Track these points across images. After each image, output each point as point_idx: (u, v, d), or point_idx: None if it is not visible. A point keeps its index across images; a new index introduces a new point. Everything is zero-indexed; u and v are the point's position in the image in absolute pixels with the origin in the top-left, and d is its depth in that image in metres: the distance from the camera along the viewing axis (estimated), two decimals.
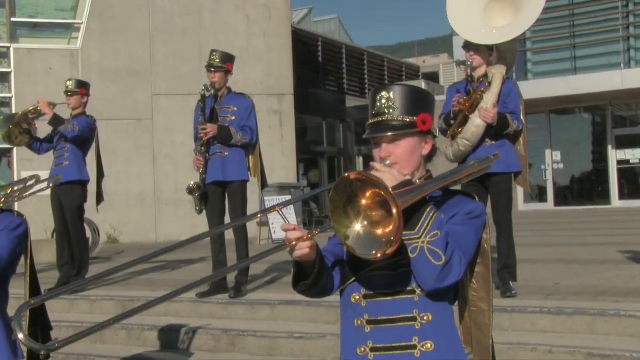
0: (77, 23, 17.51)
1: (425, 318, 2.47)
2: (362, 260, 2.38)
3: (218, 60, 7.52)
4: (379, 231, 2.24)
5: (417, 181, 2.56)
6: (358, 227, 2.27)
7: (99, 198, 8.57)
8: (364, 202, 2.27)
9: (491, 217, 6.41)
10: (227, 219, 7.63)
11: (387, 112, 2.58)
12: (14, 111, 14.25)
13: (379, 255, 2.23)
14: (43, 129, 8.72)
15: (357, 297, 2.55)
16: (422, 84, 22.98)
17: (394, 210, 2.16)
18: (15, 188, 5.56)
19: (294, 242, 2.34)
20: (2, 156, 4.84)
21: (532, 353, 5.12)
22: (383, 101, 2.59)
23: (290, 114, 18.58)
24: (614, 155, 21.02)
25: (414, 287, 2.48)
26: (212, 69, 7.49)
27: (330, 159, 25.03)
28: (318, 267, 2.43)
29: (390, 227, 2.19)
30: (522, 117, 6.51)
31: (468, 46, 6.60)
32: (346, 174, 2.25)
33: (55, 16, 17.73)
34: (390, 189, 2.18)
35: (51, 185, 8.21)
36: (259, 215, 2.53)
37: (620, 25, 21.18)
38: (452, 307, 2.56)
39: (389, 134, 2.56)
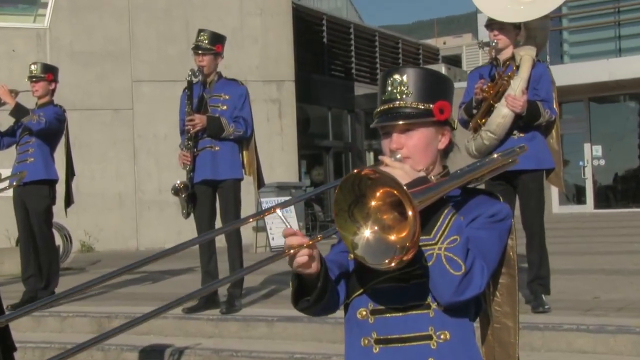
0: None
1: (442, 337, 2.47)
2: (369, 270, 2.38)
3: (207, 42, 7.53)
4: (392, 237, 2.24)
5: (433, 178, 2.55)
6: (367, 232, 2.27)
7: (68, 200, 8.56)
8: (373, 203, 2.26)
9: (520, 221, 6.41)
10: (219, 224, 7.64)
11: (399, 97, 2.58)
12: None
13: (392, 265, 2.22)
14: (4, 120, 8.73)
15: (364, 313, 2.54)
16: (442, 69, 22.99)
17: (410, 212, 2.15)
18: None
19: (292, 251, 2.32)
20: None
21: None
22: (395, 85, 2.59)
23: (290, 103, 18.58)
24: None
25: (429, 301, 2.47)
26: (200, 52, 7.50)
27: (336, 154, 25.04)
28: (322, 281, 2.41)
29: (406, 232, 2.19)
30: (554, 106, 6.50)
31: (492, 25, 6.59)
32: (354, 170, 2.25)
33: None
34: (405, 187, 2.17)
35: (14, 184, 8.21)
36: (250, 220, 2.51)
37: None
38: (472, 323, 2.56)
39: (401, 122, 2.56)
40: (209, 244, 7.45)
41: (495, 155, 2.76)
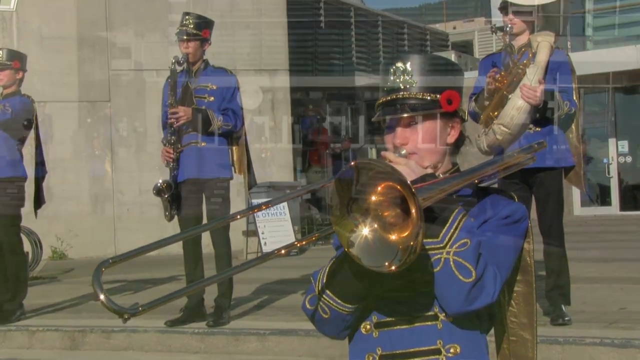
0: None
1: (451, 351, 2.47)
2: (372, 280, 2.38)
3: (192, 26, 7.54)
4: (393, 236, 2.23)
5: (441, 176, 2.55)
6: (365, 230, 2.26)
7: (38, 200, 8.54)
8: (373, 198, 2.25)
9: (537, 225, 6.41)
10: None
11: (402, 88, 2.59)
12: None
13: (392, 267, 2.20)
14: None
15: (368, 327, 2.55)
16: (451, 56, 22.97)
17: (413, 210, 2.15)
18: None
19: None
20: None
21: None
22: (398, 74, 2.60)
23: (285, 94, 18.58)
24: None
25: (436, 312, 2.48)
26: (185, 37, 7.51)
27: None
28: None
29: (408, 231, 2.19)
30: (575, 97, 6.50)
31: (506, 7, 6.60)
32: (352, 162, 2.24)
33: None
34: (410, 182, 2.17)
35: None
36: (238, 217, 2.51)
37: None
38: (485, 336, 2.56)
39: (405, 115, 2.56)
40: (194, 250, 7.44)
41: (511, 153, 2.76)
